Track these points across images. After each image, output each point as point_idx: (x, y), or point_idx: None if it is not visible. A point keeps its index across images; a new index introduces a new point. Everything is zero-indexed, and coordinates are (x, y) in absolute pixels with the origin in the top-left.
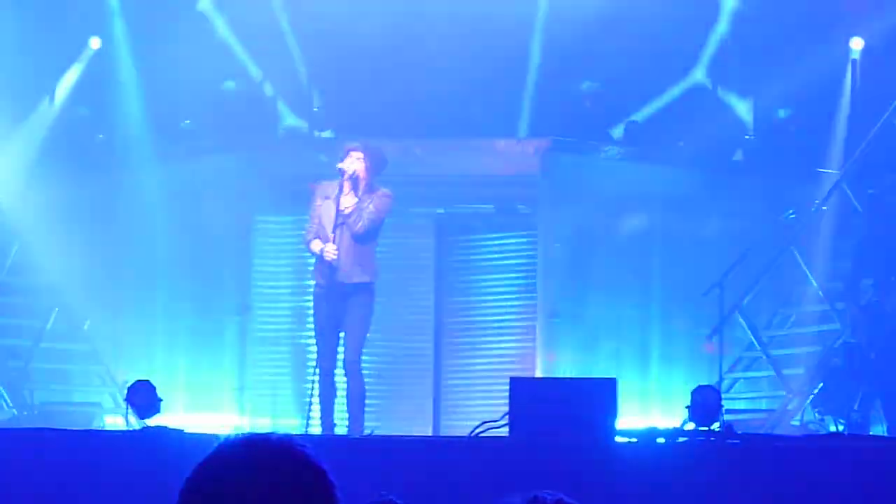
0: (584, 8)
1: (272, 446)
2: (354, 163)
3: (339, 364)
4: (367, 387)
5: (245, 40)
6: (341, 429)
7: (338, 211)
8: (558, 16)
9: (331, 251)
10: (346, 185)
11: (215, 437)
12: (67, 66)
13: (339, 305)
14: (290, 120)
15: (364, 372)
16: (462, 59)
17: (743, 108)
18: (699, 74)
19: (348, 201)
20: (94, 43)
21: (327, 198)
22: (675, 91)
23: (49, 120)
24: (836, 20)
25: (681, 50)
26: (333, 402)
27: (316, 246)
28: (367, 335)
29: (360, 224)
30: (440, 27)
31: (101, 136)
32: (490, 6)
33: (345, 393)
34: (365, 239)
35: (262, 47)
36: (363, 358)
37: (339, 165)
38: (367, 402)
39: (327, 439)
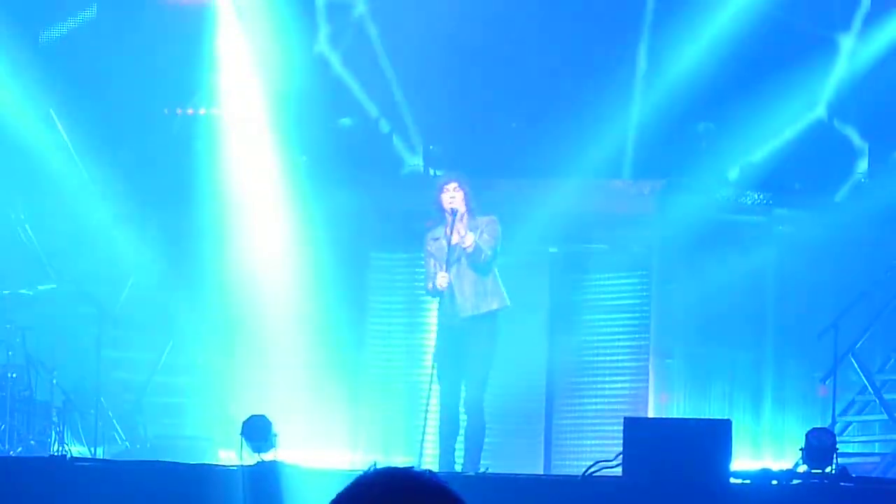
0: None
1: (414, 481)
2: (454, 196)
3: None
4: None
5: (361, 78)
6: (456, 466)
7: (450, 248)
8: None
9: (442, 280)
10: (450, 220)
11: (331, 472)
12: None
13: (463, 341)
14: (406, 158)
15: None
16: (575, 97)
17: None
18: (818, 113)
19: (459, 236)
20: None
21: (437, 239)
22: (791, 132)
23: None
24: None
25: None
26: (455, 440)
27: (438, 280)
28: (490, 372)
29: (482, 256)
30: (553, 65)
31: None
32: (603, 48)
33: (463, 430)
34: (488, 269)
35: (377, 86)
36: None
37: (448, 207)
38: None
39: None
